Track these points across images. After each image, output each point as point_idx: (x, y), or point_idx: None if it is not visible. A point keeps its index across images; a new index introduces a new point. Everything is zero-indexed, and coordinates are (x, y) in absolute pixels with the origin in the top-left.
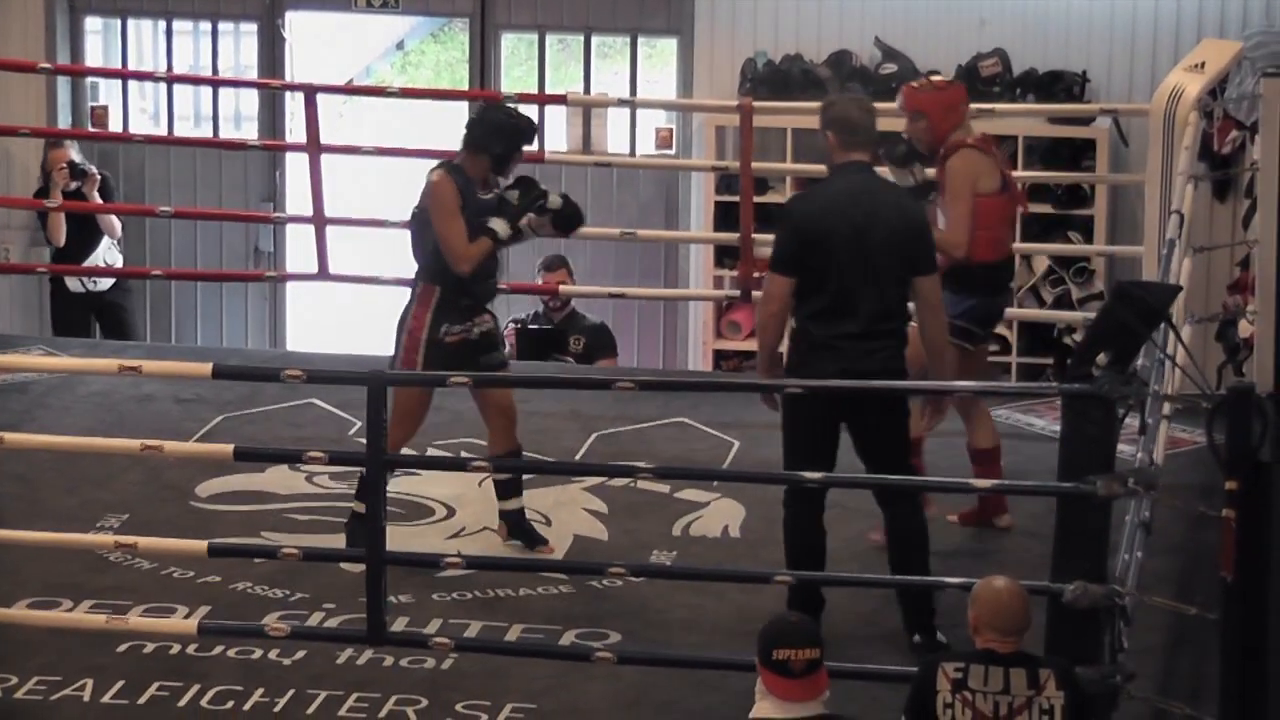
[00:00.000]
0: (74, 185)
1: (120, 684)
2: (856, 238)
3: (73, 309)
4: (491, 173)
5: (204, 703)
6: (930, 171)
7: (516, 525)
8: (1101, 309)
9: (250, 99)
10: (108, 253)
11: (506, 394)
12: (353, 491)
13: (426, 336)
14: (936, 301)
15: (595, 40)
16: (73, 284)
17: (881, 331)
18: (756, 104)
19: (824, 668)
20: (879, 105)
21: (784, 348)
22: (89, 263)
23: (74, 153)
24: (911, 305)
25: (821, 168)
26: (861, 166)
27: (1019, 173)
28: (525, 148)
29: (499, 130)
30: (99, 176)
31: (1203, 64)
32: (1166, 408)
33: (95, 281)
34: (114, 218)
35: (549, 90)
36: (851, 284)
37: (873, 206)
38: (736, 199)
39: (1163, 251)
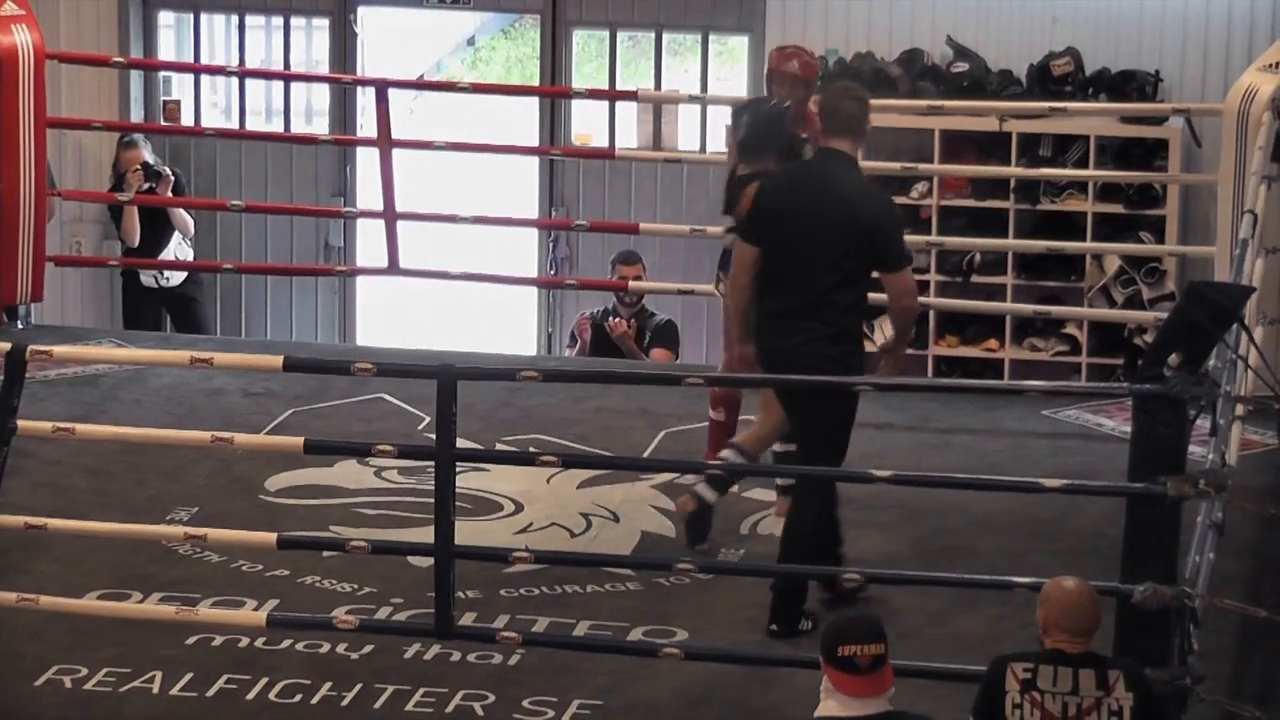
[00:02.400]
0: (147, 186)
1: (189, 676)
2: (802, 220)
3: (144, 303)
4: None
5: (272, 695)
6: None
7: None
8: (1173, 309)
9: (322, 94)
10: (179, 248)
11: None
12: (422, 486)
13: None
14: (905, 296)
15: (666, 37)
16: (145, 278)
17: (806, 314)
18: None
19: (890, 664)
20: (953, 103)
21: None
22: (160, 257)
23: (147, 153)
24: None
25: (892, 164)
26: (835, 154)
27: (1090, 172)
28: None
29: (780, 130)
30: (172, 177)
31: (1277, 64)
32: (1238, 409)
33: (167, 276)
34: (187, 216)
35: (619, 87)
36: (790, 264)
37: (829, 193)
38: None
39: (1235, 252)
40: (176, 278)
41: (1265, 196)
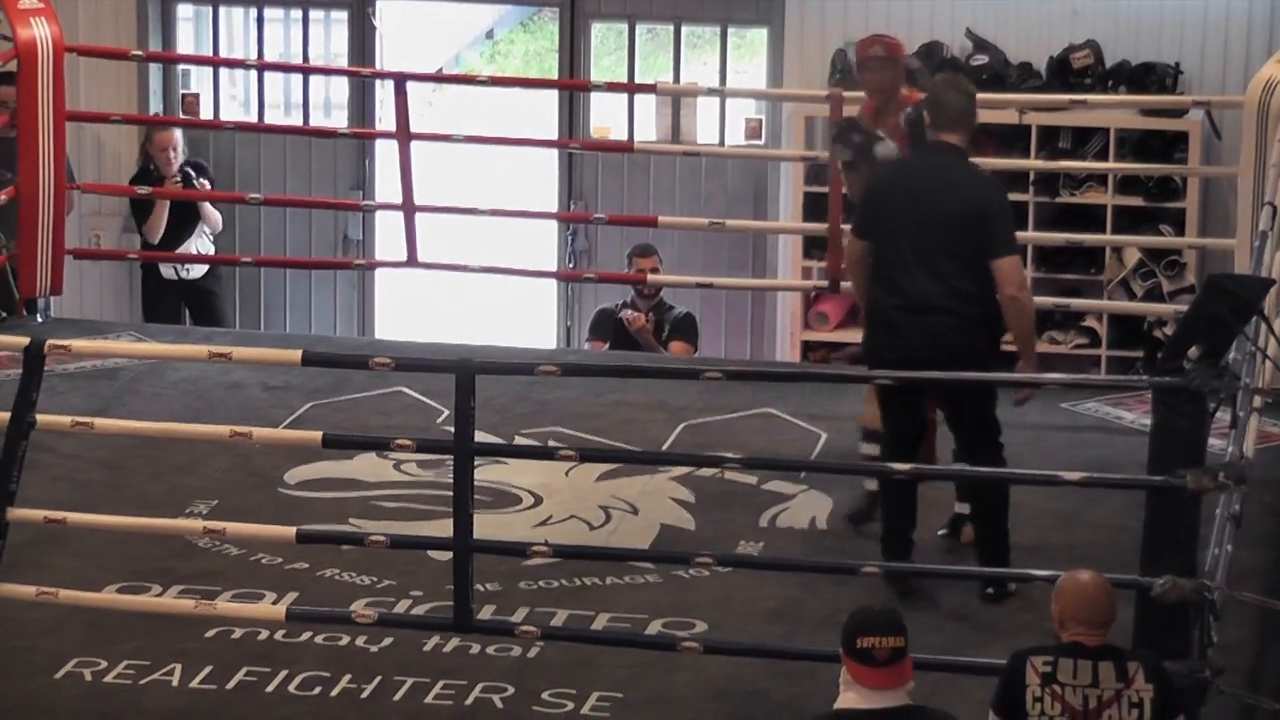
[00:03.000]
0: (178, 178)
1: (208, 669)
2: (916, 212)
3: (164, 295)
4: None
5: (291, 688)
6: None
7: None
8: (1193, 302)
9: (340, 87)
10: (199, 240)
11: None
12: (441, 480)
13: None
14: (1009, 286)
15: (685, 30)
16: (166, 270)
17: (935, 308)
18: (847, 94)
19: (909, 657)
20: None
21: None
22: (181, 250)
23: (179, 136)
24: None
25: None
26: (946, 147)
27: (1110, 164)
28: None
29: None
30: (207, 184)
31: None
32: (1258, 401)
33: (188, 268)
34: (217, 212)
35: (638, 80)
36: (909, 257)
37: (939, 185)
38: (825, 189)
39: (1255, 244)
40: (197, 270)
41: None
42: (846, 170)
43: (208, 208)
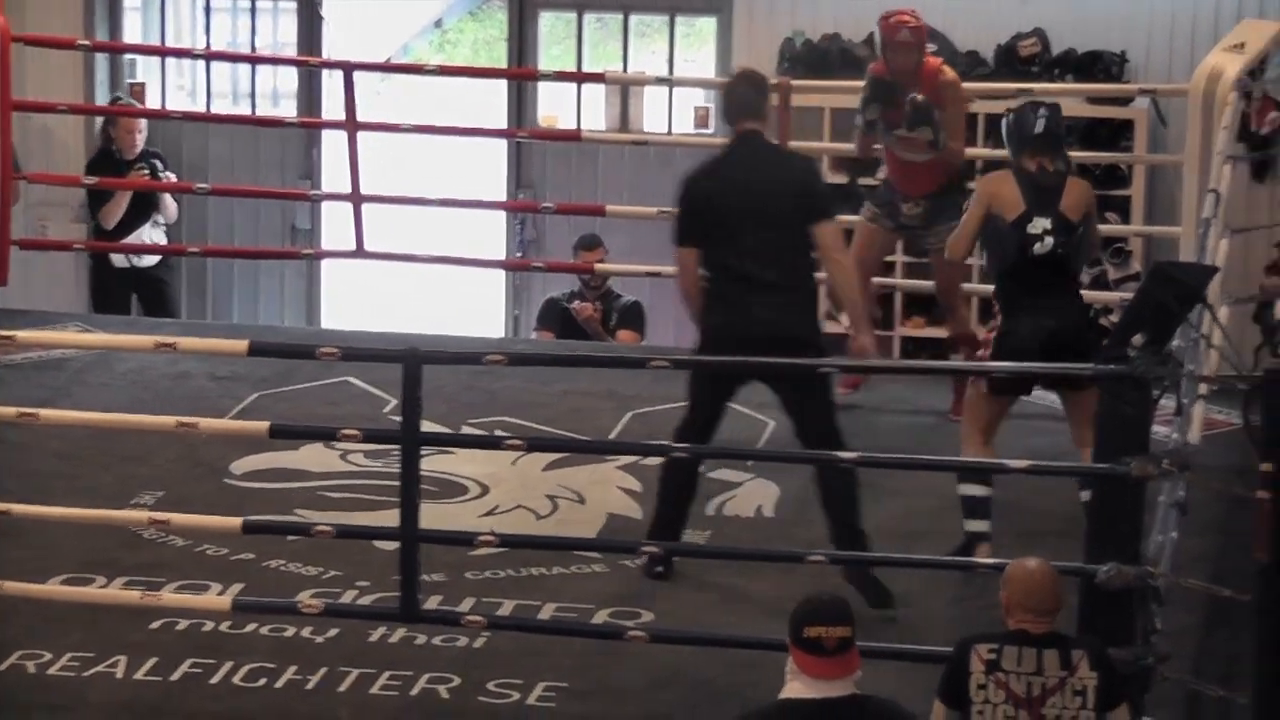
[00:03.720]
0: (143, 168)
1: (153, 661)
2: (744, 202)
3: (114, 285)
4: None
5: (236, 680)
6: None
7: None
8: (1138, 290)
9: (288, 76)
10: (152, 230)
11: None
12: (387, 470)
13: None
14: (834, 251)
15: (634, 19)
16: (117, 260)
17: (777, 287)
18: (795, 83)
19: (856, 647)
20: None
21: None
22: (133, 239)
23: (142, 126)
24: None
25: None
26: (749, 134)
27: None
28: None
29: (1062, 118)
30: (173, 177)
31: (1242, 44)
32: (1202, 389)
33: (140, 257)
34: (172, 201)
35: (587, 69)
36: (748, 246)
37: (757, 170)
38: None
39: (1200, 232)
40: (149, 259)
41: (1230, 177)
42: (866, 128)
43: (167, 198)
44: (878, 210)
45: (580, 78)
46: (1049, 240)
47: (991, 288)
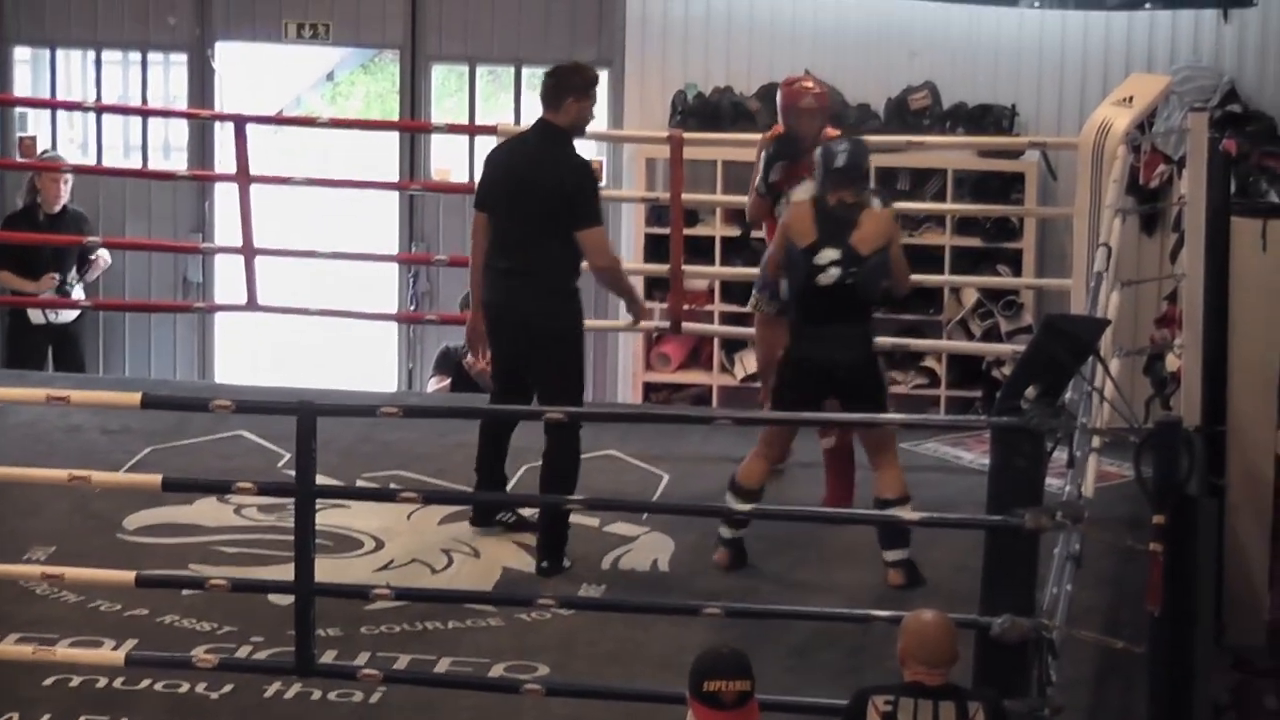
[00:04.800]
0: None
1: (47, 716)
2: (512, 186)
3: (30, 340)
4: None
5: None
6: None
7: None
8: (1030, 342)
9: (180, 129)
10: (79, 286)
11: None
12: (282, 524)
13: None
14: (594, 256)
15: (525, 71)
16: (34, 315)
17: (522, 272)
18: (687, 136)
19: (755, 700)
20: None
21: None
22: (58, 295)
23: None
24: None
25: (744, 198)
26: (544, 125)
27: (948, 205)
28: None
29: (868, 155)
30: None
31: (1131, 98)
32: (1095, 441)
33: (58, 312)
34: (106, 254)
35: (479, 121)
36: (508, 226)
37: (532, 162)
38: (667, 231)
39: (1091, 285)
40: (67, 315)
41: (1120, 230)
42: (766, 190)
43: (103, 254)
44: (759, 296)
45: (473, 130)
46: (834, 271)
47: None
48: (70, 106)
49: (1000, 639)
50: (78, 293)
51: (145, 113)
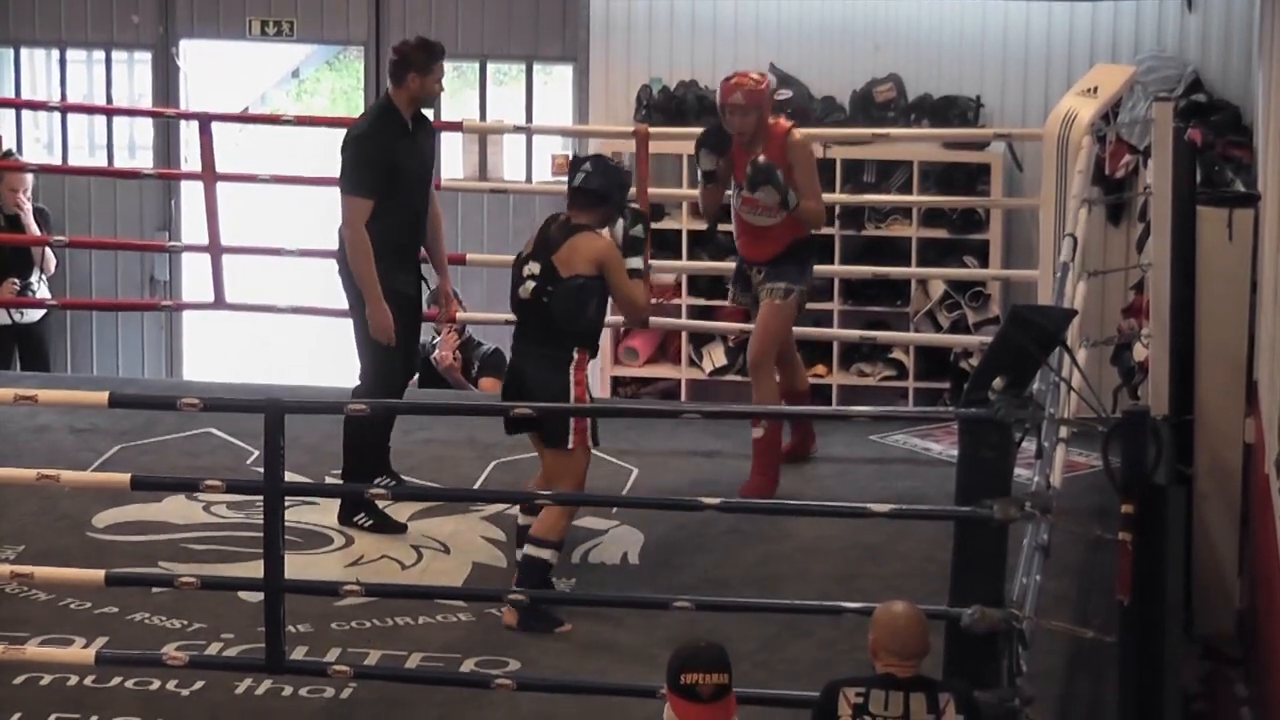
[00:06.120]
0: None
1: (17, 716)
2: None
3: None
4: (609, 223)
5: None
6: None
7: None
8: (997, 333)
9: (145, 128)
10: (39, 285)
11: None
12: (251, 521)
13: (591, 400)
14: (343, 221)
15: (490, 67)
16: None
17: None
18: (652, 130)
19: (733, 693)
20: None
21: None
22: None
23: (30, 178)
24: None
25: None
26: (383, 97)
27: (914, 197)
28: None
29: (621, 183)
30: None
31: (1095, 88)
32: (1063, 431)
33: (23, 312)
34: (51, 254)
35: (445, 117)
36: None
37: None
38: None
39: (1057, 275)
40: (33, 314)
41: (1086, 220)
42: (705, 179)
43: (48, 252)
44: (733, 288)
45: (438, 126)
46: (530, 285)
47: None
48: (35, 106)
49: (970, 630)
50: (43, 291)
51: (110, 111)
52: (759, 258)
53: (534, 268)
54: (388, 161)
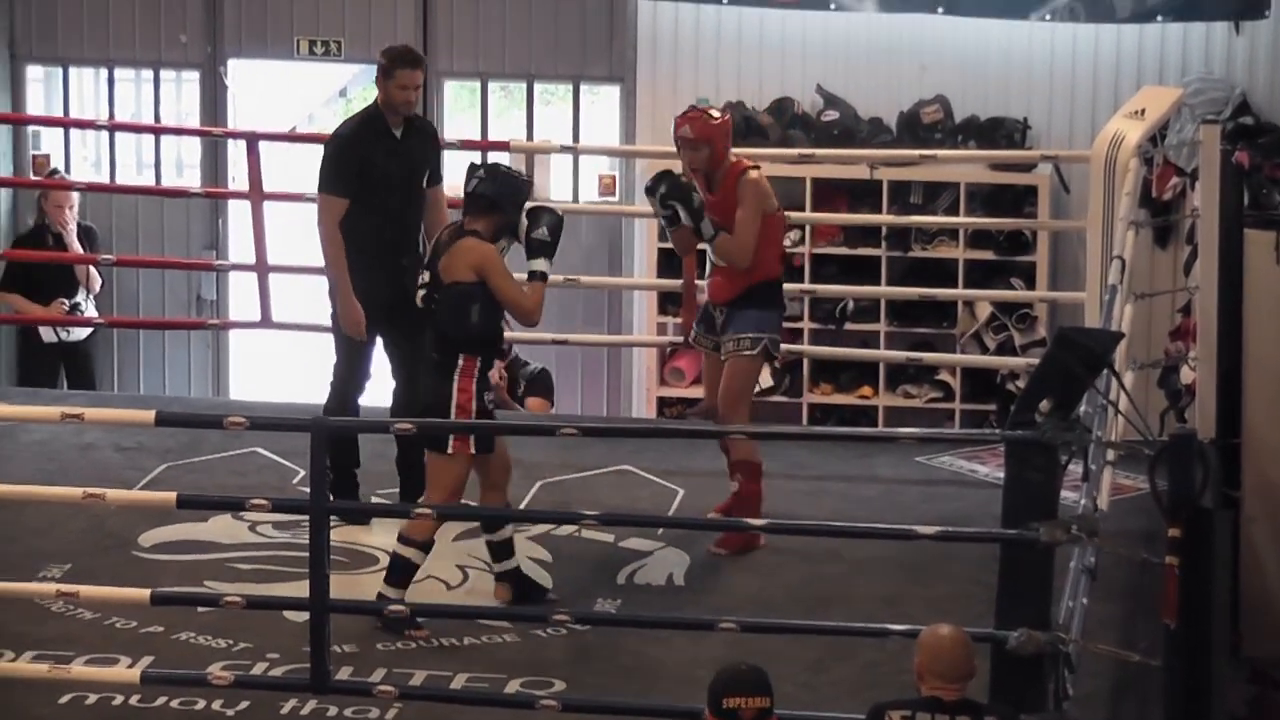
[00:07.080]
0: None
1: None
2: None
3: (43, 359)
4: (503, 232)
5: None
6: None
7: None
8: (1044, 355)
9: (192, 147)
10: (86, 303)
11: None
12: (297, 540)
13: (476, 408)
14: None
15: (538, 87)
16: (45, 333)
17: None
18: None
19: (774, 716)
20: (824, 151)
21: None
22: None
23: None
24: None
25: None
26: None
27: (961, 219)
28: None
29: (515, 189)
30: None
31: (1143, 110)
32: (1109, 454)
33: (69, 330)
34: (95, 272)
35: (492, 137)
36: None
37: None
38: None
39: (1104, 297)
40: (79, 332)
41: (1133, 242)
42: (667, 223)
43: (93, 271)
44: (697, 328)
45: (485, 146)
46: (420, 292)
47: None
48: (83, 125)
49: (1016, 653)
50: (90, 310)
51: (158, 130)
52: (719, 299)
53: (425, 275)
54: (361, 163)
